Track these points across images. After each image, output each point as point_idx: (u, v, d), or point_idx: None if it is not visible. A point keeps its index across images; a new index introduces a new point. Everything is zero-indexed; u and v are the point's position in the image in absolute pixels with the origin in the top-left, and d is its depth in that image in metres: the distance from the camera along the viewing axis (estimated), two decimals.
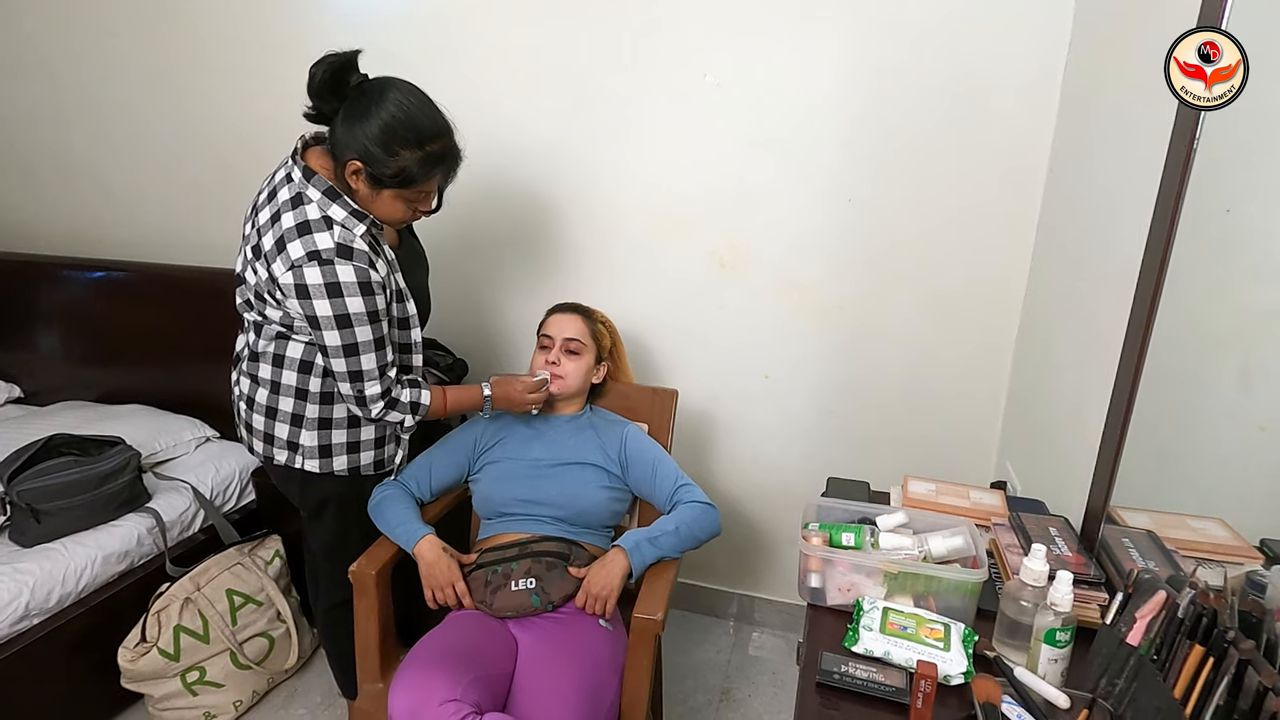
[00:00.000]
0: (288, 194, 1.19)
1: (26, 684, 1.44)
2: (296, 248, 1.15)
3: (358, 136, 1.14)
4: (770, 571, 2.02)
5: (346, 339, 1.18)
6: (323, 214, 1.17)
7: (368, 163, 1.15)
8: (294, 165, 1.20)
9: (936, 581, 0.93)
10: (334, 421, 1.31)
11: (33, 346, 2.24)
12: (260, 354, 1.28)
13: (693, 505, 1.34)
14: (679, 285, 1.81)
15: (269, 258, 1.18)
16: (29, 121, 2.21)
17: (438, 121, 1.19)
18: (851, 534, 1.01)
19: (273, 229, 1.18)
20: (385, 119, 1.13)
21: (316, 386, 1.28)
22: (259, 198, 1.25)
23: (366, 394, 1.23)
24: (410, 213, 1.25)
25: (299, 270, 1.15)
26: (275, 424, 1.30)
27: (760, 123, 1.65)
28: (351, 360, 1.20)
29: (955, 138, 1.55)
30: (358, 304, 1.17)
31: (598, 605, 1.24)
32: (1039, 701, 0.79)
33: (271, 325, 1.25)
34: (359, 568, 1.26)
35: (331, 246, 1.15)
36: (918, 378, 1.74)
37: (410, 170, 1.16)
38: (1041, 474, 1.41)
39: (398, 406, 1.27)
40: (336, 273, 1.15)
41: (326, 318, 1.16)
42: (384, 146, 1.14)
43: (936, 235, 1.63)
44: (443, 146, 1.19)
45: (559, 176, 1.81)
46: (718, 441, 1.92)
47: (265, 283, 1.20)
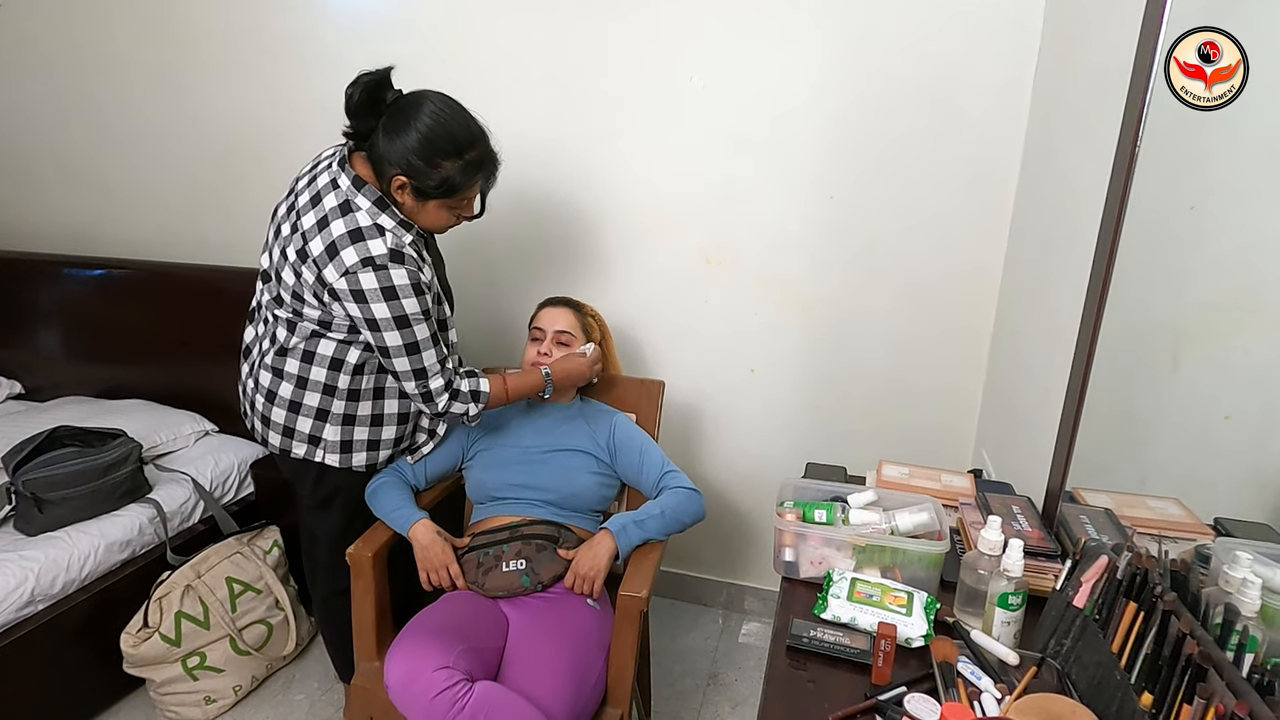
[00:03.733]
0: (335, 200, 1.21)
1: (33, 667, 1.48)
2: (350, 254, 1.18)
3: (399, 151, 1.17)
4: (757, 560, 2.06)
5: (407, 338, 1.22)
6: (374, 221, 1.20)
7: (412, 176, 1.18)
8: (341, 173, 1.22)
9: (902, 554, 0.99)
10: (358, 419, 1.34)
11: (33, 343, 2.28)
12: (290, 349, 1.30)
13: (678, 490, 1.40)
14: (666, 281, 1.86)
15: (319, 263, 1.20)
16: (30, 121, 2.25)
17: (472, 129, 1.22)
18: (824, 511, 1.07)
19: (320, 234, 1.20)
20: (423, 132, 1.16)
21: (344, 383, 1.30)
22: (297, 200, 1.26)
23: (431, 388, 1.27)
24: (454, 220, 1.29)
25: (353, 276, 1.18)
26: (299, 418, 1.33)
27: (745, 123, 1.71)
28: (414, 359, 1.24)
29: (933, 138, 1.61)
30: (413, 304, 1.20)
31: (585, 585, 1.29)
32: (992, 661, 0.85)
33: (307, 324, 1.27)
34: (356, 550, 1.31)
35: (385, 252, 1.18)
36: (898, 370, 1.79)
37: (453, 179, 1.20)
38: (1012, 460, 1.47)
39: (460, 397, 1.31)
40: (391, 277, 1.18)
41: (386, 320, 1.20)
42: (425, 159, 1.17)
43: (915, 232, 1.68)
44: (480, 153, 1.23)
45: (550, 178, 1.86)
46: (704, 433, 1.98)
47: (314, 284, 1.22)
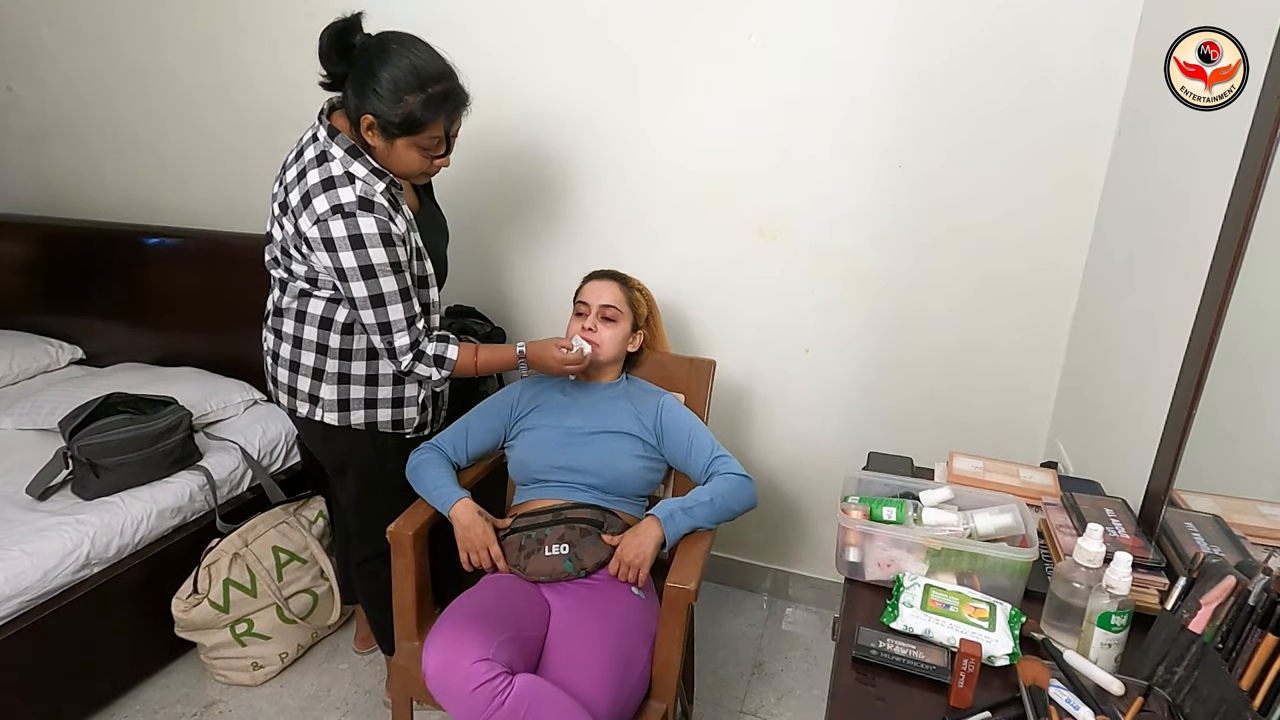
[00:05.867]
0: (313, 152, 1.24)
1: (90, 628, 1.52)
2: (321, 202, 1.19)
3: (366, 91, 1.18)
4: (805, 547, 1.99)
5: (373, 289, 1.22)
6: (345, 170, 1.22)
7: (377, 114, 1.19)
8: (319, 125, 1.25)
9: (983, 559, 0.89)
10: (352, 377, 1.35)
11: (94, 310, 2.32)
12: (284, 310, 1.33)
13: (728, 477, 1.32)
14: (717, 255, 1.77)
15: (295, 213, 1.22)
16: (87, 92, 2.26)
17: (437, 64, 1.21)
18: (893, 508, 0.98)
19: (298, 185, 1.23)
20: (388, 67, 1.17)
21: (335, 342, 1.32)
22: (288, 157, 1.30)
23: (396, 345, 1.27)
24: (426, 163, 1.27)
25: (324, 224, 1.19)
26: (298, 378, 1.35)
27: (806, 85, 1.59)
28: (379, 311, 1.24)
29: (1015, 103, 1.46)
30: (380, 255, 1.20)
31: (630, 573, 1.24)
32: (1089, 686, 0.76)
33: (296, 281, 1.29)
34: (397, 528, 1.28)
35: (354, 200, 1.19)
36: (965, 353, 1.68)
37: (415, 114, 1.19)
38: (1096, 455, 1.35)
39: (424, 359, 1.31)
40: (359, 224, 1.18)
41: (352, 269, 1.20)
42: (391, 94, 1.18)
43: (991, 206, 1.55)
44: (445, 89, 1.22)
45: (595, 144, 1.77)
46: (753, 414, 1.89)
47: (292, 237, 1.24)
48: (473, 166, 1.84)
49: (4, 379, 2.18)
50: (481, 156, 1.84)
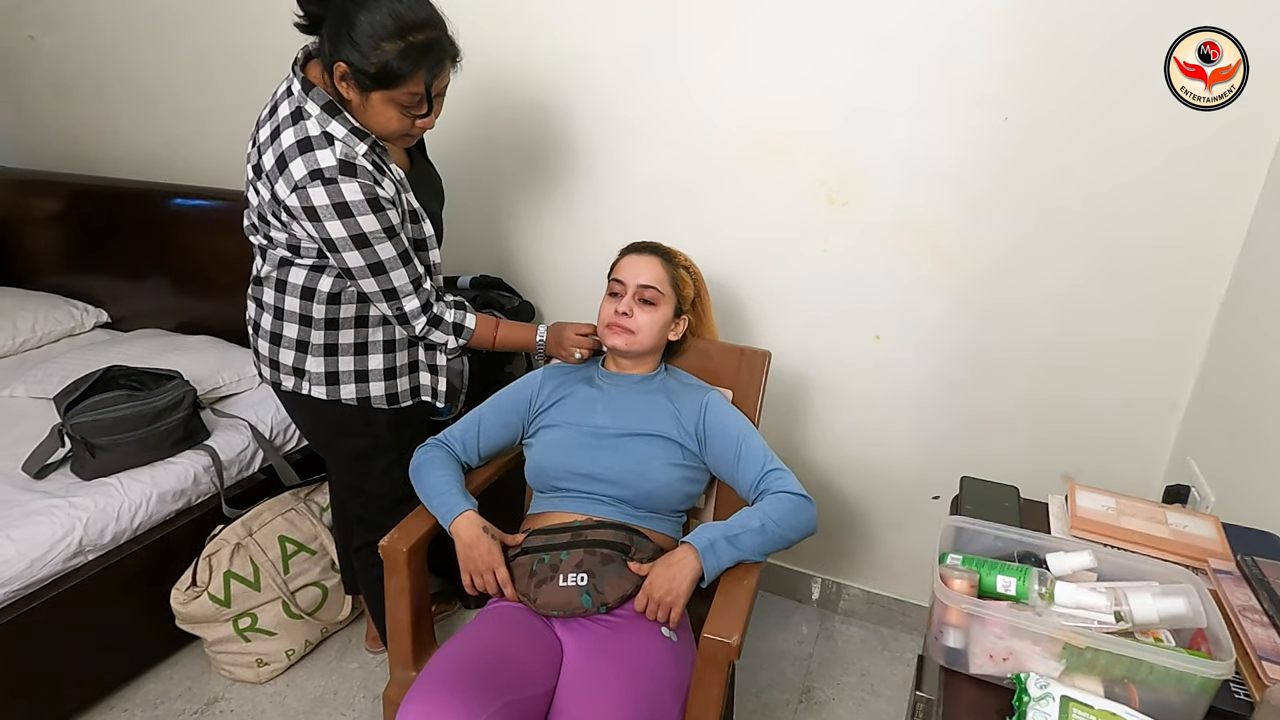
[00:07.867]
0: (287, 109, 1.12)
1: (85, 619, 1.42)
2: (299, 166, 1.08)
3: (341, 33, 1.05)
4: (862, 556, 1.77)
5: (370, 258, 1.13)
6: (322, 129, 1.09)
7: (350, 63, 1.05)
8: (294, 78, 1.12)
9: (1146, 667, 0.64)
10: (340, 348, 1.25)
11: (119, 271, 2.23)
12: (264, 279, 1.23)
13: (783, 497, 1.10)
14: (776, 224, 1.52)
15: (270, 178, 1.11)
16: (105, 44, 2.14)
17: (422, 10, 1.07)
18: (1012, 579, 0.72)
19: (272, 146, 1.11)
20: (367, 12, 1.04)
21: (320, 313, 1.22)
22: (261, 113, 1.17)
23: (406, 309, 1.20)
24: (407, 123, 1.13)
25: (304, 192, 1.08)
26: (280, 350, 1.26)
27: (889, 15, 1.31)
28: (381, 279, 1.16)
29: (1153, 35, 1.14)
30: (371, 221, 1.10)
31: (661, 612, 1.03)
32: None
33: (276, 250, 1.19)
34: (390, 543, 1.11)
35: (334, 164, 1.08)
36: (1071, 352, 1.42)
37: (392, 65, 1.05)
38: (1254, 482, 1.07)
39: (440, 325, 1.25)
40: (342, 191, 1.07)
41: (343, 239, 1.10)
42: (367, 40, 1.04)
43: (1120, 167, 1.26)
44: (428, 38, 1.07)
45: (632, 93, 1.54)
46: (811, 406, 1.66)
47: (269, 203, 1.14)
48: (498, 119, 1.64)
49: (27, 342, 2.12)
50: (506, 108, 1.62)
